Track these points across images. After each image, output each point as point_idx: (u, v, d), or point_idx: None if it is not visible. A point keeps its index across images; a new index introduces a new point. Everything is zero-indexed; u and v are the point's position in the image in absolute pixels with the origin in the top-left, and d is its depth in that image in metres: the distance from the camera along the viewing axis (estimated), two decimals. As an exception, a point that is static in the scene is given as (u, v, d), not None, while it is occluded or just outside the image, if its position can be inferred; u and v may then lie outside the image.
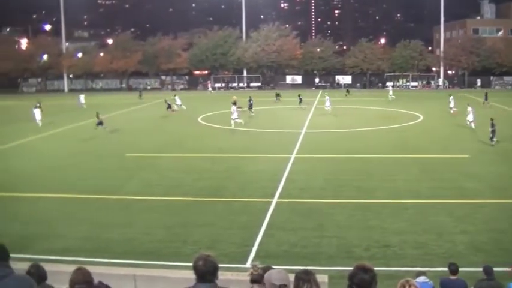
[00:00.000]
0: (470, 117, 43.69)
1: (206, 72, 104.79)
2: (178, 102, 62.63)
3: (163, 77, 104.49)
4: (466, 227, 20.77)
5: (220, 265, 6.75)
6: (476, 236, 19.70)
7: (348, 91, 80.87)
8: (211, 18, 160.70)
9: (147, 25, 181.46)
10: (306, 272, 7.06)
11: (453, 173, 29.88)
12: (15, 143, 43.02)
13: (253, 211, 23.18)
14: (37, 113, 53.35)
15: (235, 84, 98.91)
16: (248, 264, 17.01)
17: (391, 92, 75.09)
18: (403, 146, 38.23)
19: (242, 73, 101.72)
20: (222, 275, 6.81)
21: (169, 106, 59.96)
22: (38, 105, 54.28)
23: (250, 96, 59.73)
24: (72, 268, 9.14)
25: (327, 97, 58.13)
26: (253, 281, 7.88)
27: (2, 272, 6.17)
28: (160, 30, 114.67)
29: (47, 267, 9.76)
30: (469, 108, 44.28)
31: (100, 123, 45.77)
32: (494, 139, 36.98)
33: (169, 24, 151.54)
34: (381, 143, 39.11)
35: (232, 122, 47.12)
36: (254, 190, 26.64)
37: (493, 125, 37.40)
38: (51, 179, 30.74)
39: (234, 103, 51.18)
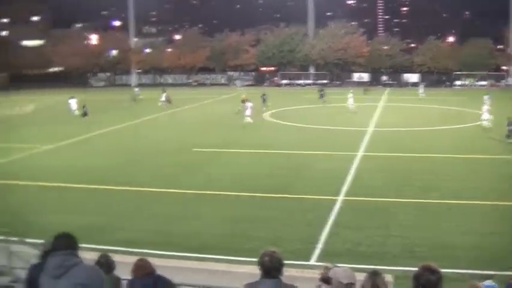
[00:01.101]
0: None
1: (273, 68, 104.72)
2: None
3: (230, 73, 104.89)
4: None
5: (285, 262, 6.83)
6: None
7: (366, 89, 79.77)
8: (278, 15, 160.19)
9: (215, 21, 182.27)
10: (375, 272, 7.09)
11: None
12: (83, 137, 43.95)
13: (318, 208, 23.17)
14: (73, 103, 55.89)
15: (301, 81, 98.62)
16: (312, 262, 17.07)
17: (421, 90, 74.17)
18: (469, 146, 37.48)
19: (309, 70, 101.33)
20: (286, 272, 6.88)
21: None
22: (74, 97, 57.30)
23: (264, 93, 61.44)
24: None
25: (351, 94, 57.57)
26: (323, 280, 7.93)
27: (71, 261, 6.34)
28: (228, 26, 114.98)
29: (115, 258, 10.01)
30: None
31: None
32: None
33: (237, 21, 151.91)
34: (446, 143, 38.41)
35: (247, 118, 47.94)
36: (320, 187, 26.55)
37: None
38: (119, 172, 31.38)
39: (244, 101, 52.45)
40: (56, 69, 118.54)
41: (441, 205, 23.45)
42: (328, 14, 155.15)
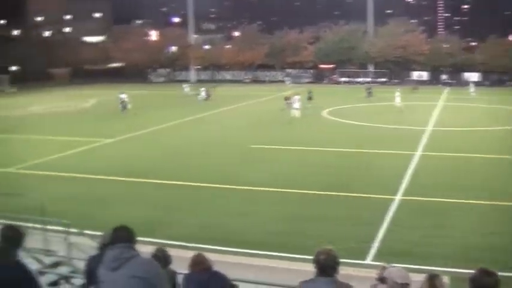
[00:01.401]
0: None
1: (332, 66, 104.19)
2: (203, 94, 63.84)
3: (288, 70, 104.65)
4: None
5: (341, 260, 6.83)
6: None
7: (414, 88, 78.58)
8: (337, 12, 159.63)
9: (274, 18, 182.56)
10: (434, 274, 7.06)
11: None
12: (146, 131, 44.57)
13: (375, 207, 23.03)
14: (123, 98, 57.38)
15: (360, 79, 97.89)
16: (368, 261, 17.00)
17: (472, 89, 73.34)
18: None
19: (368, 68, 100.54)
20: (342, 270, 6.88)
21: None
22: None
23: (310, 90, 61.54)
24: (192, 255, 9.45)
25: (398, 93, 56.87)
26: (379, 279, 7.90)
27: (128, 254, 6.44)
28: (287, 23, 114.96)
29: (172, 252, 10.13)
30: None
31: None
32: None
33: (296, 18, 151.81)
34: (510, 143, 37.67)
35: (294, 111, 48.83)
36: (377, 186, 26.35)
37: None
38: (176, 167, 31.75)
39: (287, 99, 54.65)
40: (116, 64, 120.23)
41: (502, 208, 23.05)
42: (388, 11, 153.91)
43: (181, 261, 10.46)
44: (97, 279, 6.79)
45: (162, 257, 9.12)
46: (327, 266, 6.67)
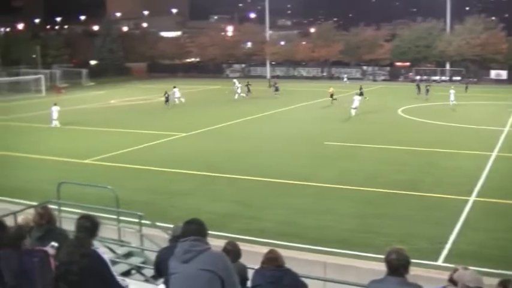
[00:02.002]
0: None
1: (408, 64, 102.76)
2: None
3: (364, 67, 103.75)
4: None
5: (411, 260, 6.76)
6: None
7: (468, 86, 76.41)
8: (415, 9, 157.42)
9: (350, 15, 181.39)
10: (508, 280, 6.91)
11: None
12: (219, 125, 44.99)
13: (448, 208, 22.67)
14: (177, 92, 61.11)
15: (437, 77, 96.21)
16: (440, 262, 16.75)
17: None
18: None
19: (445, 66, 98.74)
20: (412, 271, 6.80)
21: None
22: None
23: (361, 86, 61.77)
24: (266, 250, 9.47)
25: (452, 91, 55.86)
26: (451, 281, 7.75)
27: (200, 247, 6.51)
28: (363, 20, 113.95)
29: (242, 246, 10.19)
30: None
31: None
32: None
33: (372, 15, 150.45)
34: None
35: (353, 111, 48.74)
36: (450, 186, 25.91)
37: None
38: (249, 162, 31.94)
39: (331, 95, 57.12)
40: (192, 59, 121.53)
41: None
42: (467, 8, 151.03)
43: (254, 256, 10.51)
44: (167, 271, 6.90)
45: (232, 251, 9.17)
46: (397, 266, 6.61)
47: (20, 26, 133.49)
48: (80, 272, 6.99)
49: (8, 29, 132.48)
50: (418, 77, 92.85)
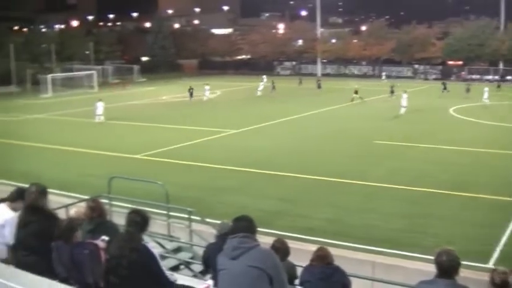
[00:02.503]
0: None
1: (460, 62, 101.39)
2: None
3: (416, 66, 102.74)
4: None
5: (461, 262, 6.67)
6: None
7: (499, 85, 74.83)
8: (468, 7, 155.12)
9: (402, 13, 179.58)
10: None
11: None
12: (270, 123, 45.03)
13: (499, 209, 22.27)
14: (207, 90, 62.01)
15: (490, 77, 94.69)
16: (490, 265, 16.48)
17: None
18: None
19: (498, 65, 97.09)
20: (461, 272, 6.72)
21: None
22: None
23: (393, 84, 61.56)
24: (313, 248, 9.45)
25: (486, 88, 55.92)
26: (498, 285, 7.57)
27: (249, 243, 6.54)
28: (415, 18, 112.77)
29: (291, 244, 10.18)
30: None
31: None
32: None
33: (424, 13, 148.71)
34: None
35: (402, 109, 48.54)
36: (500, 187, 25.40)
37: None
38: (300, 160, 31.94)
39: (356, 92, 58.55)
40: (243, 56, 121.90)
41: None
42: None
43: (302, 253, 10.50)
44: (214, 266, 6.93)
45: (281, 249, 9.17)
46: (448, 268, 6.53)
47: (74, 23, 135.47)
48: (129, 266, 7.09)
49: (62, 26, 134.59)
50: (470, 76, 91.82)
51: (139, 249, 7.24)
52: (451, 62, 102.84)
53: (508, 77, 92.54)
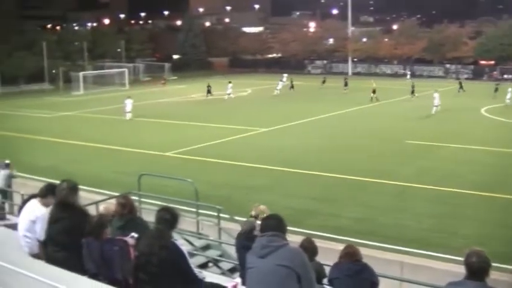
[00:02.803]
0: None
1: (492, 62, 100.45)
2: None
3: (447, 66, 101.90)
4: None
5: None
6: None
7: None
8: (501, 6, 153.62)
9: (433, 12, 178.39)
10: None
11: None
12: (298, 122, 45.05)
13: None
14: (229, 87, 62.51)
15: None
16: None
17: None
18: None
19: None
20: (491, 275, 6.66)
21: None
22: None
23: (413, 84, 61.79)
24: (342, 247, 9.46)
25: (510, 89, 54.96)
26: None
27: (278, 242, 6.54)
28: (447, 17, 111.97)
29: (319, 243, 10.18)
30: None
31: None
32: None
33: (456, 12, 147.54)
34: None
35: (434, 108, 47.79)
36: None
37: None
38: (331, 159, 31.96)
39: (374, 91, 58.28)
40: (274, 55, 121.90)
41: None
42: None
43: (331, 253, 10.50)
44: (242, 261, 6.97)
45: (309, 248, 9.19)
46: (477, 269, 6.46)
47: (106, 21, 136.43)
48: (158, 263, 7.15)
49: (94, 24, 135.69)
50: (503, 76, 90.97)
51: (168, 246, 7.29)
52: (483, 62, 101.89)
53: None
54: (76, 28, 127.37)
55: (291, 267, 6.33)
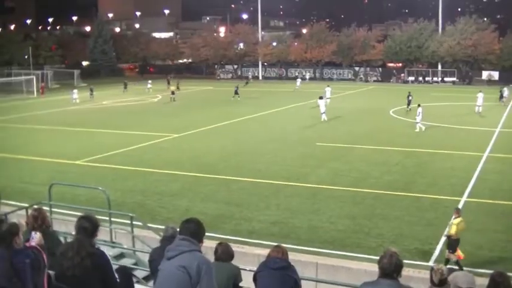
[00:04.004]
0: None
1: (400, 64, 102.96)
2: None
3: (356, 68, 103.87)
4: None
5: (404, 261, 6.73)
6: None
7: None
8: (406, 10, 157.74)
9: (342, 16, 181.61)
10: (501, 274, 6.87)
11: None
12: (213, 126, 45.00)
13: (440, 208, 22.64)
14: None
15: (429, 78, 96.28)
16: (431, 263, 16.72)
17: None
18: None
19: (437, 67, 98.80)
20: (404, 271, 6.78)
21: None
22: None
23: (409, 92, 57.33)
24: (257, 250, 9.46)
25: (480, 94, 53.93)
26: (435, 283, 7.69)
27: (187, 247, 6.61)
28: (355, 21, 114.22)
29: (235, 247, 10.17)
30: None
31: None
32: None
33: (365, 16, 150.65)
34: None
35: (417, 125, 43.17)
36: (443, 187, 25.96)
37: None
38: (243, 163, 31.90)
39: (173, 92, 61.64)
40: (184, 60, 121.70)
41: None
42: (459, 9, 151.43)
43: (246, 257, 10.52)
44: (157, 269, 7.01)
45: (223, 252, 9.19)
46: (390, 270, 6.59)
47: (12, 27, 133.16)
48: (82, 273, 7.12)
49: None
50: (428, 79, 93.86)
51: (93, 253, 7.32)
52: (391, 64, 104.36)
53: (446, 79, 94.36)
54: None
55: (187, 271, 6.40)
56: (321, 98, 51.68)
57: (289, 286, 8.49)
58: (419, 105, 42.73)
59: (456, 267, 16.00)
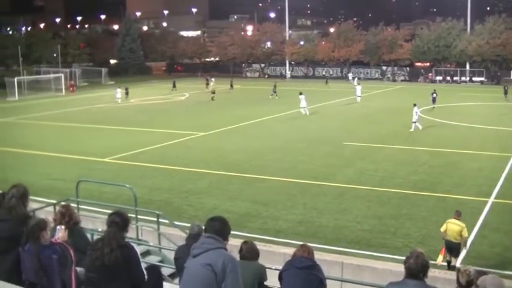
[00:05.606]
0: None
1: (427, 64, 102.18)
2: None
3: (384, 68, 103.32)
4: None
5: (430, 261, 6.71)
6: None
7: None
8: (434, 10, 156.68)
9: (370, 15, 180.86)
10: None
11: None
12: (237, 125, 45.03)
13: (467, 209, 22.31)
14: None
15: (457, 78, 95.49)
16: (458, 264, 16.60)
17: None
18: None
19: (465, 66, 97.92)
20: (430, 272, 6.76)
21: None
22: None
23: (434, 90, 57.51)
24: (283, 249, 9.47)
25: None
26: (462, 284, 7.65)
27: (212, 244, 6.69)
28: (383, 20, 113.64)
29: (260, 246, 10.18)
30: None
31: None
32: None
33: (392, 15, 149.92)
34: None
35: (413, 125, 42.79)
36: (469, 188, 25.78)
37: None
38: (270, 162, 31.89)
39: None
40: (212, 59, 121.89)
41: None
42: (488, 8, 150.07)
43: (273, 255, 10.52)
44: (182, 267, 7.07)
45: (249, 250, 9.22)
46: (416, 270, 6.58)
47: (42, 25, 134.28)
48: (112, 263, 7.28)
49: (29, 28, 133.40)
50: (457, 78, 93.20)
51: (124, 245, 7.53)
52: (418, 64, 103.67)
53: (474, 78, 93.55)
54: (10, 32, 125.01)
55: (212, 268, 6.47)
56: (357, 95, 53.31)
57: (315, 285, 8.51)
58: (414, 105, 42.90)
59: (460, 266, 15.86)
